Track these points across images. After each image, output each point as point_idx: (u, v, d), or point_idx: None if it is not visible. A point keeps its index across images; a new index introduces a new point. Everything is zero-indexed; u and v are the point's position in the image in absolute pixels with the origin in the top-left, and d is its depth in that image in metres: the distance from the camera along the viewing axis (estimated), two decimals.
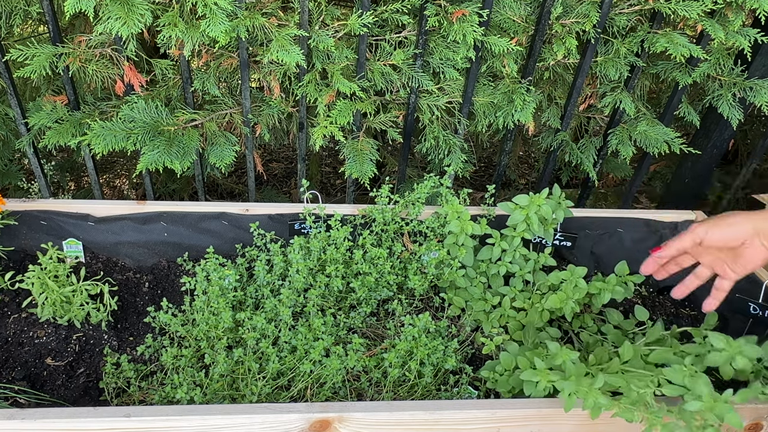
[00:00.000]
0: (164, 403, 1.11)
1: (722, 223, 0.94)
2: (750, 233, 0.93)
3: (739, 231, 0.93)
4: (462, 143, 1.64)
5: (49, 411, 0.93)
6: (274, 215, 1.47)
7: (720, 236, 0.95)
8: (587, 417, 1.01)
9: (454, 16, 1.38)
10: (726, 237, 0.94)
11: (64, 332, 1.22)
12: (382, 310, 1.38)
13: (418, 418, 1.00)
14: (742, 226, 0.93)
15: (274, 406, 0.98)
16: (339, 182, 2.87)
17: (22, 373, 1.15)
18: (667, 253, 1.01)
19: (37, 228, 1.39)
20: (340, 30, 1.43)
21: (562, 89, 1.71)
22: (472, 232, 1.36)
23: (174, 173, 1.52)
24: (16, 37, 1.70)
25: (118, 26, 1.24)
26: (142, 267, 1.44)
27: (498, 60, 1.54)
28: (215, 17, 1.26)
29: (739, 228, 0.93)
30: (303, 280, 1.29)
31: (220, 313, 1.22)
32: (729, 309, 1.39)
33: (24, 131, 1.48)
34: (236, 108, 1.55)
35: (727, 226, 0.94)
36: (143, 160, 1.40)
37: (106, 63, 1.41)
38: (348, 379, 1.17)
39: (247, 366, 1.14)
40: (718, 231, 0.94)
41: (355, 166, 1.55)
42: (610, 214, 1.60)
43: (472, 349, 1.29)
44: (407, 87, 1.54)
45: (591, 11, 1.46)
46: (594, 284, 1.31)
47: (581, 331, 1.34)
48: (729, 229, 0.94)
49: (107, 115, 1.48)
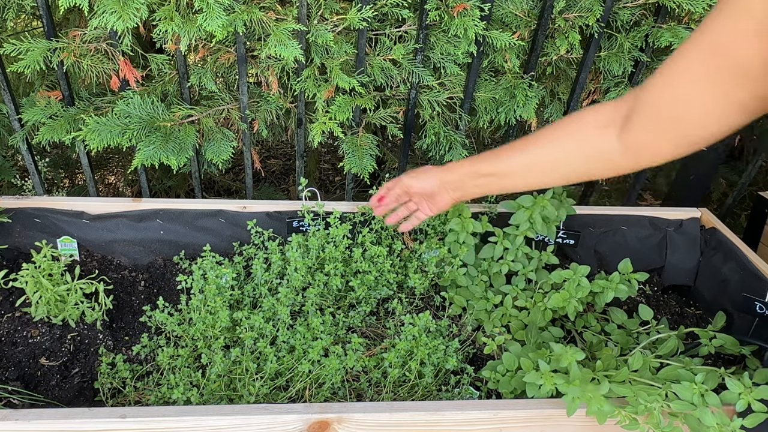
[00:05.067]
0: (160, 403, 1.09)
1: (420, 176, 1.17)
2: (438, 184, 1.15)
3: (429, 183, 1.16)
4: (463, 139, 1.62)
5: (43, 412, 0.92)
6: (272, 213, 1.45)
7: (419, 187, 1.18)
8: (590, 419, 0.99)
9: (456, 10, 1.37)
10: (422, 187, 1.17)
11: (58, 332, 1.21)
12: (381, 309, 1.36)
13: (418, 419, 0.99)
14: (432, 179, 1.15)
15: (272, 407, 0.97)
16: (338, 179, 2.85)
17: (15, 373, 1.13)
18: (381, 192, 1.25)
19: (31, 226, 1.38)
20: (339, 24, 1.41)
21: (565, 85, 1.69)
22: (473, 230, 1.34)
23: (170, 170, 1.50)
24: (10, 31, 1.67)
25: (114, 20, 1.23)
26: (137, 265, 1.43)
27: (500, 55, 1.52)
28: (212, 11, 1.24)
29: (430, 181, 1.15)
30: (301, 279, 1.27)
31: (217, 312, 1.20)
32: (735, 308, 1.37)
33: (17, 127, 1.46)
34: (233, 104, 1.53)
35: (423, 179, 1.16)
36: (139, 156, 1.38)
37: (101, 58, 1.40)
38: (347, 380, 1.16)
39: (245, 366, 1.12)
40: (416, 182, 1.17)
41: (354, 162, 1.54)
42: (614, 211, 1.58)
43: (473, 348, 1.27)
44: (407, 82, 1.52)
45: (594, 5, 1.44)
46: (597, 283, 1.29)
47: (584, 330, 1.33)
48: (424, 182, 1.16)
49: (102, 111, 1.46)
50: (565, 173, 0.99)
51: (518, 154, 1.02)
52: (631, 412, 0.97)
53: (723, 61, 0.75)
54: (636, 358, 1.08)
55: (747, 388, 0.98)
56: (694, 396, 0.98)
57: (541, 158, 0.99)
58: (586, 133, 0.94)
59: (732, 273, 1.42)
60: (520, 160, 1.01)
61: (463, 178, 1.11)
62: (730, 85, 0.75)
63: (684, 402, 0.98)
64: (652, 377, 1.07)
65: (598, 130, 0.92)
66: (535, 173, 1.02)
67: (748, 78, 0.74)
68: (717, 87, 0.77)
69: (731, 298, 1.40)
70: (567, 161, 0.97)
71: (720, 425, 0.96)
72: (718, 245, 1.50)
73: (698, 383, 0.99)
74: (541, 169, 1.00)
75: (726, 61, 0.74)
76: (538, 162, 1.00)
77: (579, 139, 0.95)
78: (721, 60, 0.75)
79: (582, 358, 1.04)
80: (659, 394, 0.98)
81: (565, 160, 0.97)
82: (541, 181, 1.06)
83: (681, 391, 0.99)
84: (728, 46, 0.73)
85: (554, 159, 0.98)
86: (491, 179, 1.07)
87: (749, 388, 0.98)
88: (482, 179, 1.08)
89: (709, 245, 1.53)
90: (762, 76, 0.72)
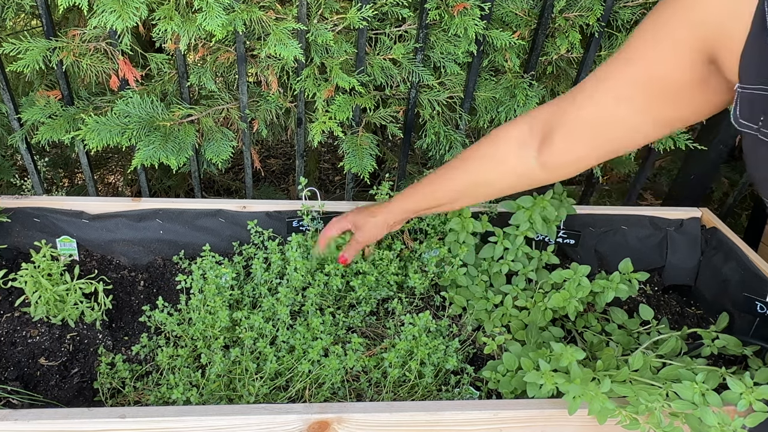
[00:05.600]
0: (160, 403, 1.09)
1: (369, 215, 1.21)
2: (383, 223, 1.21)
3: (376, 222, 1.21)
4: (463, 139, 1.62)
5: (42, 412, 0.91)
6: (271, 212, 1.45)
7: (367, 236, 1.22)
8: (591, 419, 0.99)
9: (456, 9, 1.36)
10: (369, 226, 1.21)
11: (57, 331, 1.20)
12: (381, 309, 1.36)
13: (418, 419, 0.98)
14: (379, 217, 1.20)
15: (272, 407, 0.97)
16: (338, 179, 2.84)
17: (14, 373, 1.13)
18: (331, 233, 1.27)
19: (30, 225, 1.37)
20: (339, 23, 1.41)
21: (566, 84, 1.69)
22: (473, 229, 1.34)
23: (169, 170, 1.49)
24: (9, 30, 1.67)
25: (113, 20, 1.22)
26: (137, 265, 1.42)
27: (500, 54, 1.52)
28: (212, 10, 1.24)
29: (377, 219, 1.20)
30: (301, 279, 1.27)
31: (217, 312, 1.20)
32: (736, 308, 1.37)
33: (17, 126, 1.46)
34: (233, 103, 1.53)
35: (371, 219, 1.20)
36: (138, 155, 1.38)
37: (101, 57, 1.39)
38: (347, 380, 1.15)
39: (245, 366, 1.12)
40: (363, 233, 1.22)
41: (354, 161, 1.53)
42: (615, 211, 1.58)
43: (473, 348, 1.27)
44: (407, 82, 1.51)
45: (595, 4, 1.44)
46: (598, 282, 1.29)
47: (585, 330, 1.32)
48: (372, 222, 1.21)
49: (102, 110, 1.46)
50: (493, 192, 1.07)
51: (450, 182, 1.08)
52: (631, 412, 0.97)
53: (647, 82, 0.77)
54: (637, 358, 1.08)
55: (748, 387, 0.98)
56: (695, 396, 0.98)
57: (471, 183, 1.06)
58: (506, 155, 0.99)
59: (733, 273, 1.42)
60: (453, 187, 1.08)
61: (404, 216, 1.20)
62: (652, 104, 0.78)
63: (685, 402, 0.98)
64: (653, 377, 1.07)
65: (517, 151, 0.97)
66: (466, 198, 1.11)
67: (668, 99, 0.77)
68: (639, 105, 0.79)
69: (732, 298, 1.40)
70: (494, 183, 1.04)
71: (721, 425, 0.95)
72: (719, 245, 1.50)
73: (699, 383, 0.99)
74: (471, 192, 1.08)
75: (650, 81, 0.77)
76: (467, 187, 1.06)
77: (500, 163, 1.00)
78: (645, 80, 0.78)
79: (582, 358, 1.03)
80: (660, 394, 0.98)
81: (492, 182, 1.04)
82: (468, 203, 1.18)
83: (682, 390, 0.99)
84: (652, 68, 0.76)
85: (482, 182, 1.05)
86: (430, 210, 1.19)
87: (750, 388, 0.98)
88: (423, 212, 1.19)
89: (710, 245, 1.53)
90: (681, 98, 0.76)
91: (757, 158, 0.72)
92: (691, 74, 0.74)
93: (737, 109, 0.70)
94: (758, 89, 0.66)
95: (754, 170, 0.75)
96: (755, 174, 0.75)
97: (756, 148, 0.71)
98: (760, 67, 0.65)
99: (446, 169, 1.09)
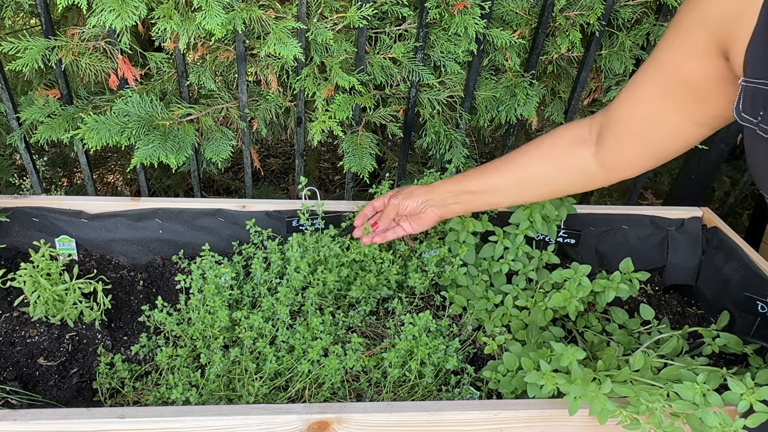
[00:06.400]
0: (159, 403, 1.09)
1: (408, 196, 1.21)
2: (423, 202, 1.20)
3: (418, 203, 1.20)
4: (463, 138, 1.61)
5: (41, 412, 0.91)
6: (271, 212, 1.44)
7: (408, 207, 1.21)
8: (592, 419, 0.99)
9: (456, 8, 1.36)
10: (411, 207, 1.21)
11: (56, 331, 1.20)
12: (381, 309, 1.35)
13: (418, 419, 0.98)
14: (419, 198, 1.20)
15: (272, 407, 0.97)
16: (338, 178, 2.84)
17: (13, 373, 1.12)
18: (367, 212, 1.30)
19: (29, 225, 1.37)
20: (339, 22, 1.41)
21: (566, 83, 1.69)
22: (473, 229, 1.34)
23: (169, 169, 1.49)
24: (8, 29, 1.67)
25: (112, 18, 1.22)
26: (136, 265, 1.42)
27: (500, 53, 1.51)
28: (211, 9, 1.24)
29: (418, 200, 1.20)
30: (301, 279, 1.27)
31: (216, 311, 1.20)
32: (737, 307, 1.37)
33: (15, 126, 1.46)
34: (233, 102, 1.53)
35: (411, 199, 1.20)
36: (138, 154, 1.38)
37: (100, 56, 1.39)
38: (347, 380, 1.15)
39: (244, 366, 1.12)
40: (407, 202, 1.21)
41: (354, 160, 1.53)
42: (615, 210, 1.57)
43: (473, 348, 1.26)
44: (407, 81, 1.51)
45: (595, 3, 1.44)
46: (598, 282, 1.28)
47: (585, 330, 1.32)
48: (412, 202, 1.20)
49: (101, 110, 1.45)
50: (549, 189, 1.07)
51: (503, 171, 1.07)
52: (632, 412, 0.96)
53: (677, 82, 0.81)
54: (637, 358, 1.08)
55: (749, 388, 0.98)
56: (696, 396, 0.97)
57: (524, 175, 1.05)
58: (566, 151, 1.00)
59: (734, 272, 1.42)
60: (504, 178, 1.07)
61: (445, 196, 1.17)
62: (686, 103, 0.82)
63: (686, 402, 0.97)
64: (654, 377, 1.07)
65: (575, 147, 0.99)
66: (517, 189, 1.09)
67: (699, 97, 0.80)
68: (675, 106, 0.83)
69: (733, 298, 1.39)
70: (550, 178, 1.04)
71: (722, 425, 0.95)
72: (720, 244, 1.49)
73: (700, 383, 0.98)
74: (525, 185, 1.07)
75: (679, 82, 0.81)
76: (521, 179, 1.06)
77: (559, 157, 1.01)
78: (674, 81, 0.81)
79: (583, 358, 1.03)
80: (661, 394, 0.98)
81: (549, 177, 1.04)
82: (521, 198, 1.17)
83: (683, 391, 0.99)
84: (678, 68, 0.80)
85: (538, 176, 1.04)
86: (475, 196, 1.14)
87: (751, 389, 0.98)
88: (466, 196, 1.15)
89: (711, 244, 1.53)
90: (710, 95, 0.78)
91: (756, 153, 0.73)
92: (715, 71, 0.76)
93: (740, 103, 0.71)
94: (761, 83, 0.67)
95: (752, 165, 0.76)
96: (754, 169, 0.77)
97: (755, 143, 0.72)
98: (764, 60, 0.66)
99: (503, 159, 1.08)
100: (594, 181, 1.01)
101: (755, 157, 0.74)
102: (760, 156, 0.72)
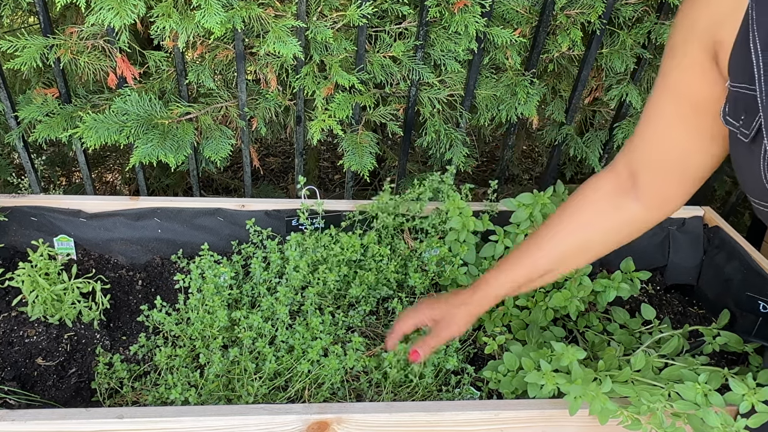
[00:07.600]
0: (158, 404, 1.08)
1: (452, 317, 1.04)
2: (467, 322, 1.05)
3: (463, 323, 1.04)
4: (464, 137, 1.61)
5: (39, 412, 0.91)
6: (270, 211, 1.44)
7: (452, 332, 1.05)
8: (592, 419, 0.98)
9: (456, 6, 1.35)
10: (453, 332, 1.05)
11: (55, 331, 1.20)
12: (381, 309, 1.35)
13: (418, 420, 0.98)
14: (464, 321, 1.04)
15: (271, 407, 0.96)
16: (337, 177, 2.83)
17: (11, 373, 1.12)
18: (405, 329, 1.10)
19: (28, 224, 1.36)
20: (339, 21, 1.40)
21: (567, 82, 1.68)
22: (474, 228, 1.33)
23: (168, 168, 1.49)
24: (6, 28, 1.66)
25: (111, 17, 1.21)
26: (135, 264, 1.41)
27: (501, 52, 1.51)
28: (210, 8, 1.23)
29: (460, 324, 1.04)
30: (301, 279, 1.26)
31: (216, 311, 1.19)
32: (738, 307, 1.36)
33: (14, 125, 1.45)
34: (232, 101, 1.52)
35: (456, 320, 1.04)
36: (137, 153, 1.37)
37: (98, 55, 1.38)
38: (347, 380, 1.15)
39: (243, 366, 1.11)
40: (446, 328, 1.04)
41: (354, 159, 1.53)
42: None
43: (474, 348, 1.26)
44: (408, 79, 1.51)
45: (596, 1, 1.43)
46: (599, 282, 1.28)
47: (586, 330, 1.31)
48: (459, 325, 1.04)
49: (99, 108, 1.45)
50: (599, 251, 0.98)
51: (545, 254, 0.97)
52: (633, 412, 0.96)
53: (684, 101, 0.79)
54: (638, 358, 1.07)
55: (751, 389, 0.97)
56: (698, 396, 0.97)
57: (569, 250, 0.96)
58: (604, 211, 0.93)
59: (735, 272, 1.41)
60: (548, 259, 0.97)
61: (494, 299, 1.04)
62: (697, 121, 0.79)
63: (687, 402, 0.97)
64: (655, 377, 1.06)
65: (614, 201, 0.92)
66: (567, 264, 1.00)
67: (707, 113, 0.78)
68: (689, 125, 0.81)
69: (734, 298, 1.39)
70: (599, 242, 0.96)
71: (723, 426, 0.95)
72: (722, 244, 1.49)
73: (701, 383, 0.98)
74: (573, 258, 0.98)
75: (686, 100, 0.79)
76: (568, 254, 0.97)
77: (600, 219, 0.94)
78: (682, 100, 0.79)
79: (584, 358, 1.03)
80: (662, 394, 0.97)
81: (597, 241, 0.96)
82: (573, 268, 1.06)
83: (684, 391, 0.98)
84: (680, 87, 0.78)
85: (583, 245, 0.96)
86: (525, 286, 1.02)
87: (753, 389, 0.97)
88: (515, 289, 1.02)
89: (712, 244, 1.52)
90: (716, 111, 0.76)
91: (737, 156, 0.73)
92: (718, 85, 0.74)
93: (726, 107, 0.71)
94: (742, 87, 0.68)
95: (735, 167, 0.76)
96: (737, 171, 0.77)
97: (736, 146, 0.72)
98: (744, 65, 0.66)
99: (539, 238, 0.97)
100: (644, 225, 0.94)
101: (737, 160, 0.74)
102: (741, 158, 0.72)
